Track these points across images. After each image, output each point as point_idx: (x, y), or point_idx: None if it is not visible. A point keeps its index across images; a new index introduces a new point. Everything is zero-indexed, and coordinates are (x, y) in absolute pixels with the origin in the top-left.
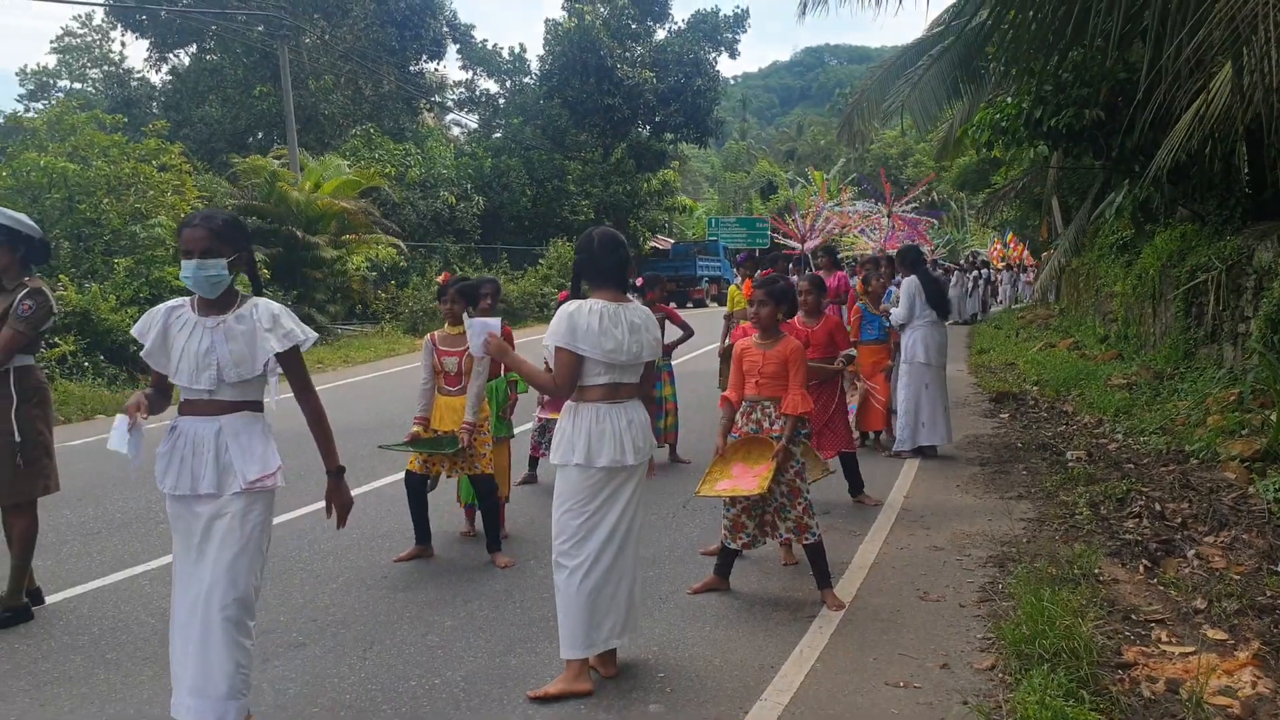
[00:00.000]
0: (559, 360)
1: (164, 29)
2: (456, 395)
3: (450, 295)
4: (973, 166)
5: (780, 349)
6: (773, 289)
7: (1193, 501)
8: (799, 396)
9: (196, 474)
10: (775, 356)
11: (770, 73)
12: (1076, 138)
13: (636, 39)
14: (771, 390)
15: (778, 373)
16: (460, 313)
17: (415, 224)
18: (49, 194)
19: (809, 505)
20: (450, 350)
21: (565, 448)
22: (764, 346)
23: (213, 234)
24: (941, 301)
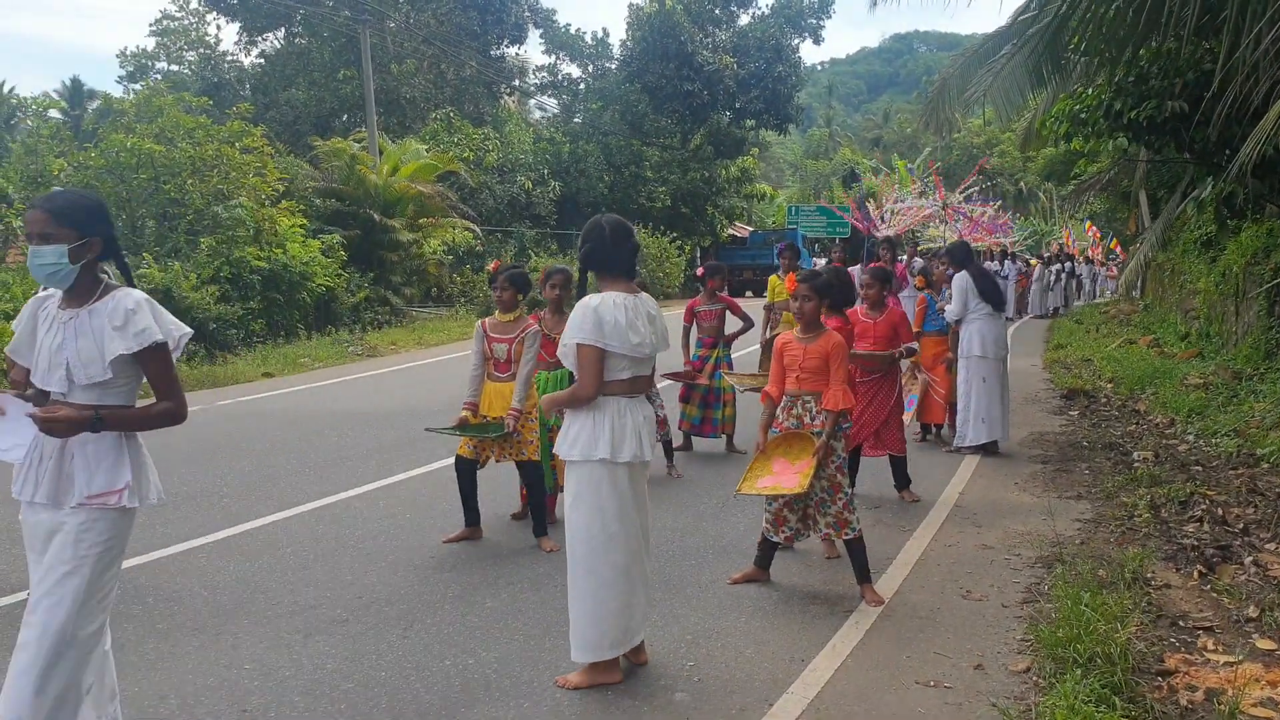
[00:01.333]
0: (586, 357)
1: (253, 12)
2: (506, 381)
3: (500, 283)
4: (1059, 157)
5: (822, 343)
6: (816, 283)
7: (1258, 507)
8: (840, 392)
9: (37, 481)
10: (816, 351)
11: (858, 59)
12: (1158, 130)
13: (718, 24)
14: (813, 385)
15: (819, 368)
16: (510, 300)
17: (491, 209)
18: (136, 174)
19: (849, 500)
20: (500, 337)
21: (586, 443)
22: (805, 341)
23: (51, 216)
24: (995, 295)
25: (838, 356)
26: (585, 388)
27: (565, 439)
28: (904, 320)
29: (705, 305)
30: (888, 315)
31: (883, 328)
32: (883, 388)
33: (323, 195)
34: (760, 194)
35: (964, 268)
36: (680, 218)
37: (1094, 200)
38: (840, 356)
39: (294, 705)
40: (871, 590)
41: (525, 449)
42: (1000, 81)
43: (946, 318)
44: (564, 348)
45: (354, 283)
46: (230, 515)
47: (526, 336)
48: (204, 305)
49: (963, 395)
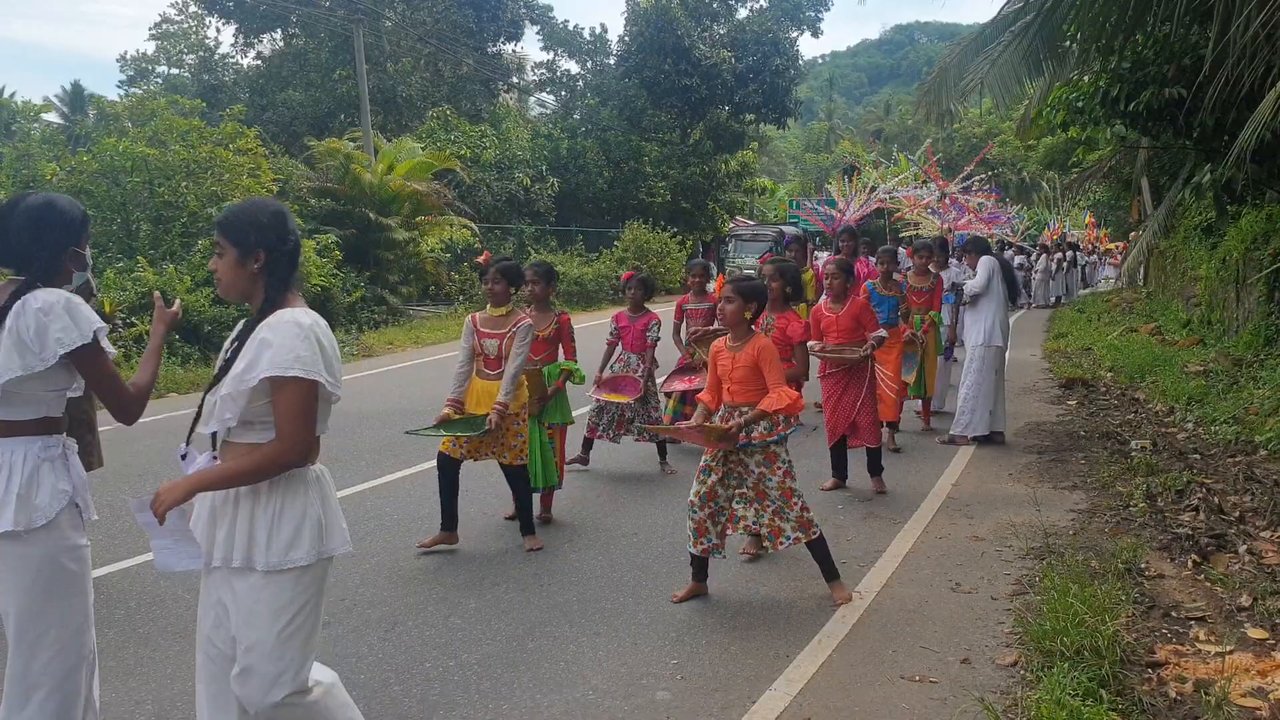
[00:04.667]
0: (307, 402)
1: (249, 14)
2: (495, 379)
3: (492, 275)
4: (1059, 146)
5: (749, 350)
6: (740, 285)
7: (1255, 494)
8: (778, 394)
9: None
10: (744, 360)
11: (859, 51)
12: (1156, 116)
13: (715, 18)
14: (745, 395)
15: (748, 377)
16: (503, 293)
17: (490, 206)
18: (130, 177)
19: (805, 502)
20: (491, 332)
21: (312, 536)
22: (734, 349)
23: None
24: (1014, 285)
25: (768, 359)
26: (299, 447)
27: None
28: (867, 310)
29: (694, 303)
30: (850, 307)
31: (846, 320)
32: (854, 379)
33: (318, 195)
34: (761, 188)
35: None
36: (681, 213)
37: (1096, 188)
38: (770, 358)
39: None
40: (841, 588)
41: (508, 453)
42: (997, 70)
43: (968, 290)
44: (247, 380)
45: (349, 282)
46: None
47: (518, 331)
48: (199, 307)
49: (973, 385)
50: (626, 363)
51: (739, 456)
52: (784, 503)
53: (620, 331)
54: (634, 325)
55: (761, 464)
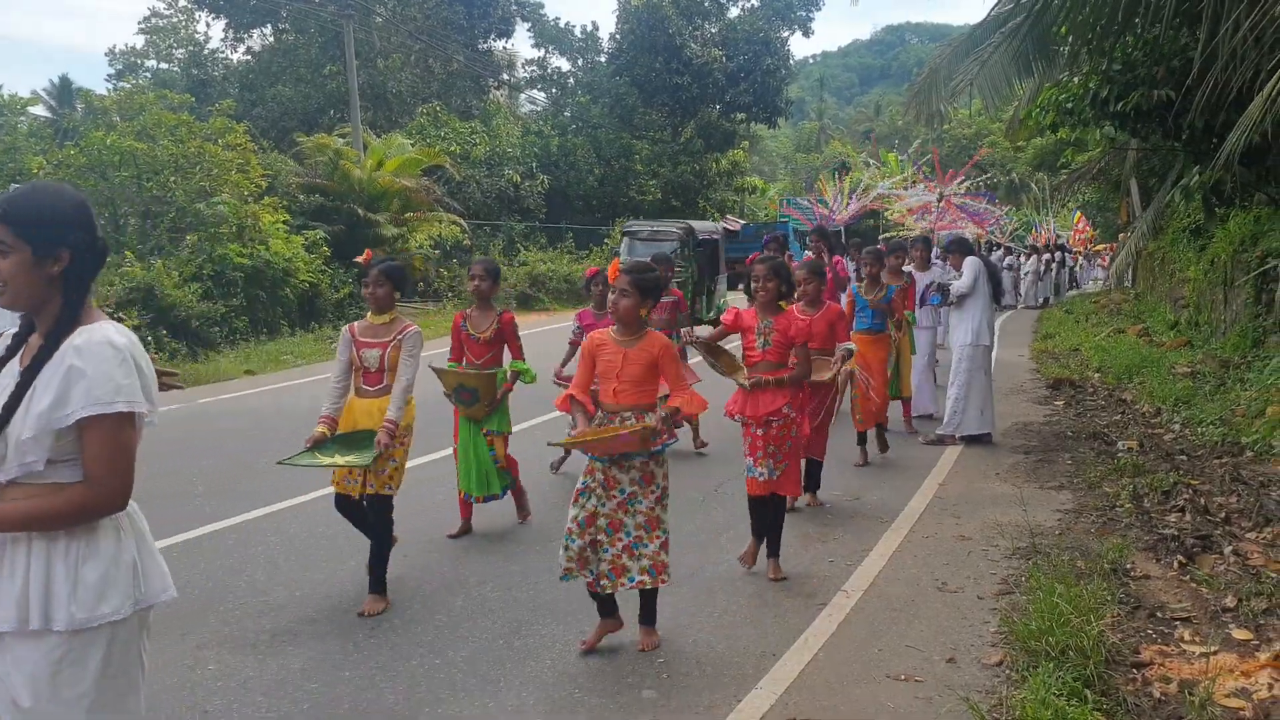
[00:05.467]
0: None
1: (239, 9)
2: (376, 396)
3: (373, 278)
4: (1049, 147)
5: (646, 346)
6: (638, 278)
7: (1241, 495)
8: (689, 395)
9: None
10: (639, 357)
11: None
12: (1145, 118)
13: (707, 16)
14: (634, 397)
15: (642, 377)
16: (386, 298)
17: (479, 202)
18: (118, 172)
19: (668, 540)
20: (372, 342)
21: (126, 583)
22: (626, 344)
23: None
24: (998, 286)
25: (669, 357)
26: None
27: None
28: (841, 318)
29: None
30: (824, 313)
31: (819, 325)
32: (818, 392)
33: (306, 191)
34: (751, 187)
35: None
36: (671, 211)
37: (1085, 190)
38: (671, 357)
39: (256, 705)
40: (651, 634)
41: (375, 479)
42: (987, 71)
43: (954, 291)
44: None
45: (338, 279)
46: (203, 514)
47: (405, 340)
48: (187, 303)
49: (962, 385)
50: None
51: (613, 472)
52: (644, 533)
53: (584, 330)
54: (599, 324)
55: (636, 481)
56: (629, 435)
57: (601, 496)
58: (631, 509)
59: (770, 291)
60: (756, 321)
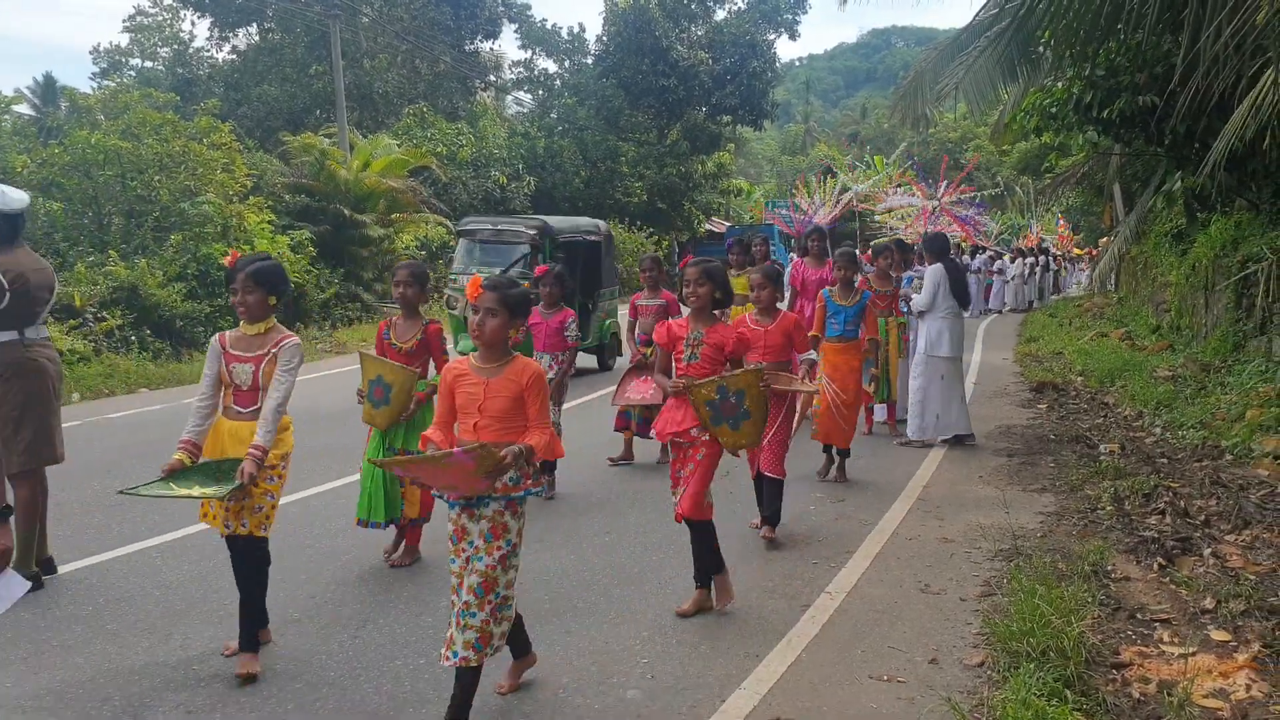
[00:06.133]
0: None
1: (225, 8)
2: (249, 419)
3: (241, 283)
4: (1033, 151)
5: (513, 374)
6: (506, 295)
7: (1220, 498)
8: (546, 438)
9: None
10: (505, 387)
11: (836, 54)
12: (1128, 123)
13: (694, 19)
14: (499, 434)
15: (509, 410)
16: (258, 306)
17: (466, 203)
18: (102, 171)
19: (501, 603)
20: (243, 355)
21: None
22: (489, 372)
23: None
24: (963, 293)
25: (536, 389)
26: None
27: None
28: (798, 328)
29: (645, 300)
30: (780, 322)
31: (775, 336)
32: (776, 399)
33: (292, 191)
34: (737, 189)
35: (940, 260)
36: (657, 213)
37: (1069, 194)
38: (539, 389)
39: (240, 705)
40: None
41: (249, 517)
42: (972, 75)
43: (913, 308)
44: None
45: (323, 279)
46: (185, 515)
47: (281, 352)
48: (171, 302)
49: (916, 390)
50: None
51: (464, 521)
52: (475, 598)
53: (531, 330)
54: (547, 323)
55: (484, 534)
56: (462, 455)
57: (452, 551)
58: (470, 567)
59: (702, 298)
60: (686, 331)
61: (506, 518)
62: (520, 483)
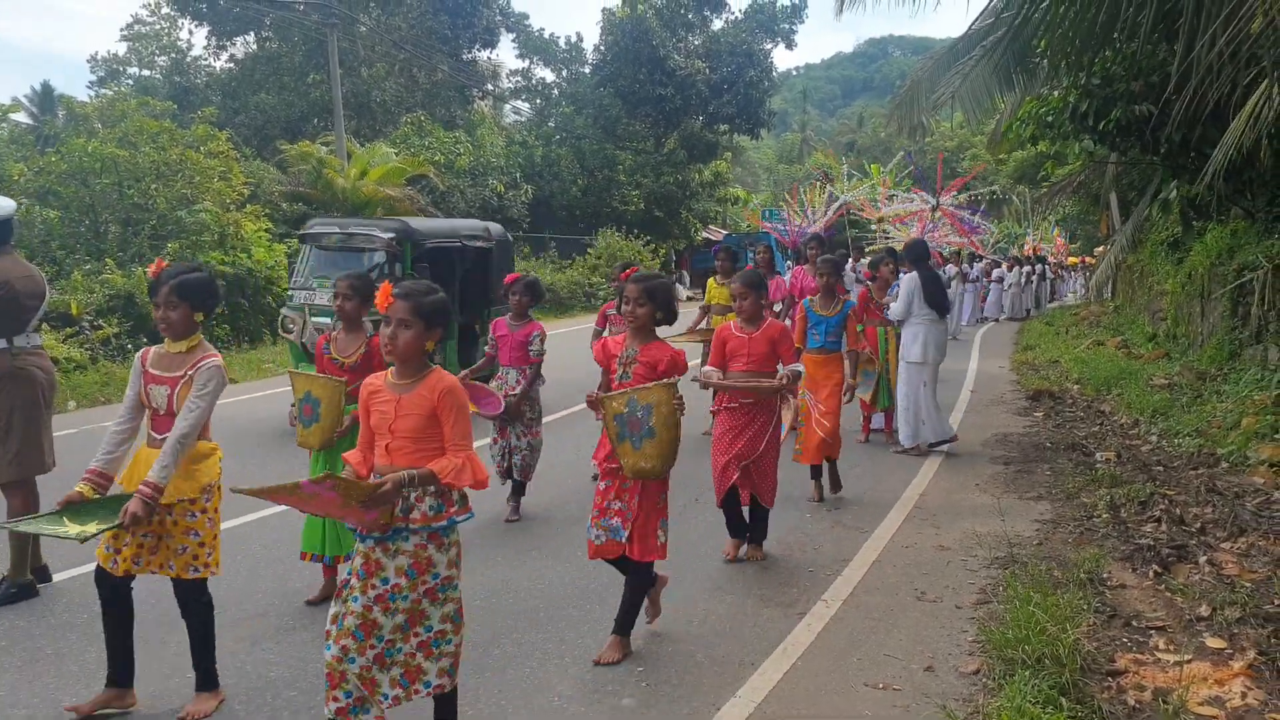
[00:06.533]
0: None
1: (222, 17)
2: None
3: (164, 297)
4: (1030, 160)
5: (426, 390)
6: (421, 302)
7: (1216, 506)
8: (459, 461)
9: None
10: (417, 404)
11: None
12: (1124, 132)
13: (691, 29)
14: (412, 457)
15: (421, 430)
16: (182, 322)
17: (463, 212)
18: (100, 179)
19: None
20: (162, 376)
21: None
22: (402, 389)
23: None
24: (940, 300)
25: (450, 406)
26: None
27: None
28: (785, 336)
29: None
30: (765, 330)
31: (759, 344)
32: (758, 414)
33: (289, 199)
34: (734, 198)
35: (915, 268)
36: (654, 221)
37: (1066, 203)
38: (454, 406)
39: (235, 714)
40: None
41: (175, 560)
42: (969, 84)
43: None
44: None
45: None
46: None
47: (198, 373)
48: None
49: (903, 398)
50: (505, 379)
51: (376, 555)
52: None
53: (497, 342)
54: (513, 335)
55: (405, 570)
56: (312, 486)
57: (358, 588)
58: (393, 606)
59: (641, 319)
60: (621, 349)
61: (430, 551)
62: (442, 511)
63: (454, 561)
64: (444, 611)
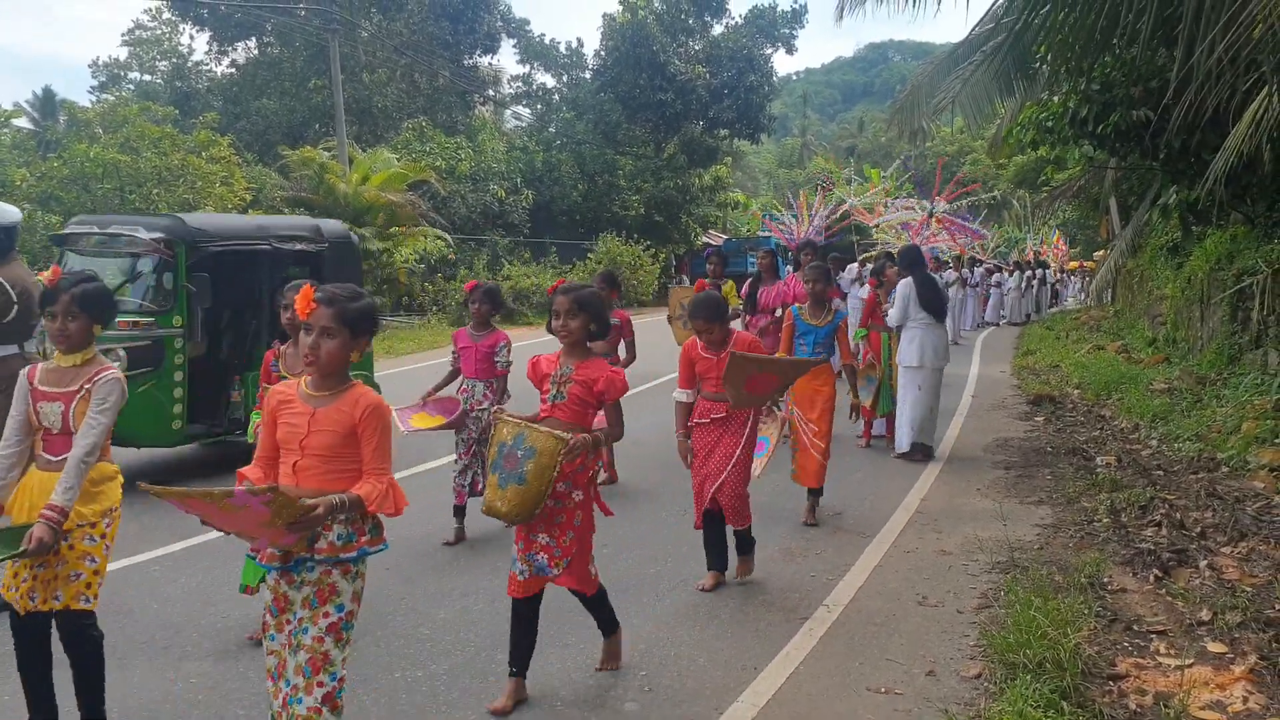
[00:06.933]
0: None
1: (224, 22)
2: (60, 468)
3: (63, 307)
4: (1030, 165)
5: (346, 405)
6: (346, 308)
7: (1216, 510)
8: (383, 487)
9: None
10: (334, 420)
11: (834, 68)
12: (1124, 138)
13: (691, 34)
14: (322, 479)
15: (335, 448)
16: (79, 334)
17: (464, 217)
18: (101, 184)
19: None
20: (53, 392)
21: None
22: (318, 401)
23: None
24: (937, 304)
25: (373, 425)
26: None
27: None
28: (755, 346)
29: None
30: (734, 342)
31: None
32: (728, 431)
33: (291, 204)
34: (734, 202)
35: (910, 273)
36: (655, 226)
37: (1066, 207)
38: (377, 425)
39: (237, 718)
40: None
41: (63, 588)
42: (969, 89)
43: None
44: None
45: None
46: (184, 527)
47: (97, 387)
48: None
49: (901, 401)
50: (471, 392)
51: (283, 587)
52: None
53: (460, 354)
54: (477, 346)
55: (309, 601)
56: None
57: (272, 625)
58: (296, 642)
59: (574, 332)
60: (554, 367)
61: (335, 578)
62: (353, 541)
63: (358, 595)
64: (343, 655)
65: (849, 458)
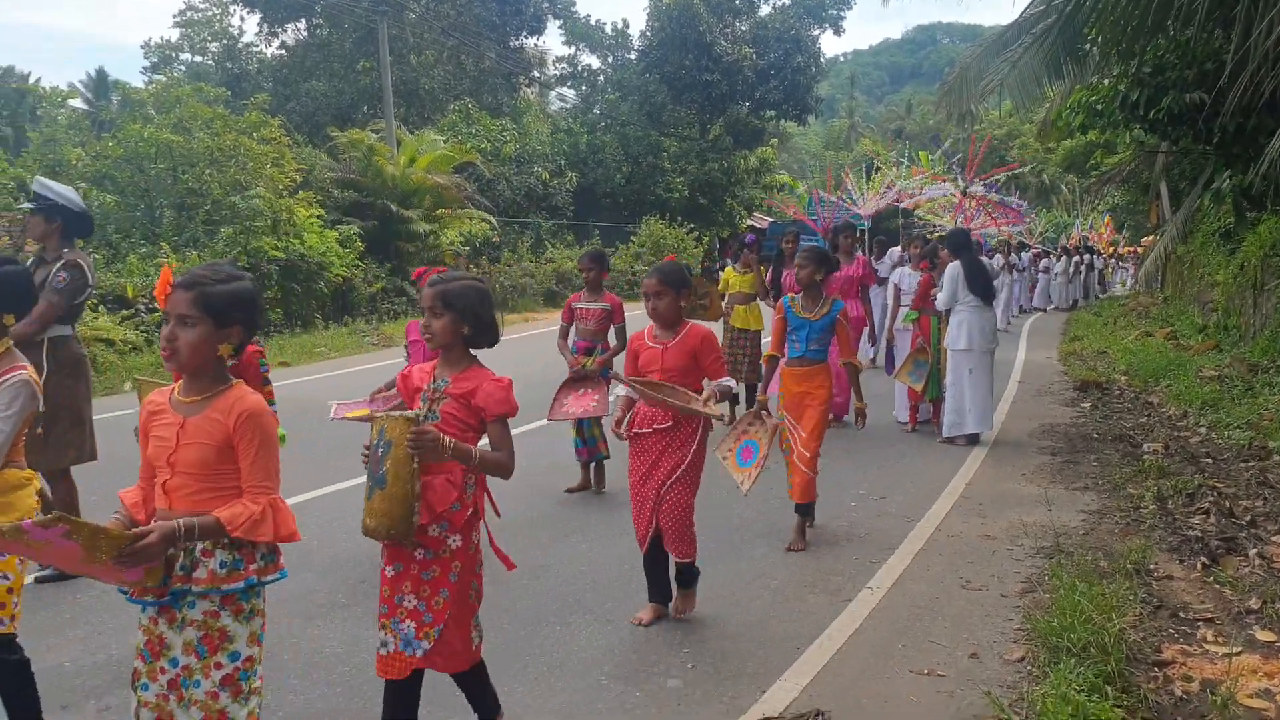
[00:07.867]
0: None
1: (274, 4)
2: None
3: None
4: (1079, 149)
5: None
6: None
7: (1267, 499)
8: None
9: None
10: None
11: (881, 50)
12: (1176, 121)
13: (738, 14)
14: (191, 501)
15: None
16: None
17: (509, 199)
18: (155, 164)
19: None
20: None
21: None
22: (185, 409)
23: None
24: (985, 287)
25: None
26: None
27: None
28: (708, 344)
29: (585, 302)
30: (684, 337)
31: (675, 356)
32: (670, 446)
33: (340, 186)
34: (780, 185)
35: (958, 256)
36: (698, 209)
37: (1115, 192)
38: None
39: (291, 688)
40: None
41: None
42: (1018, 72)
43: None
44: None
45: (371, 273)
46: None
47: (3, 389)
48: None
49: (950, 385)
50: None
51: (160, 629)
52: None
53: (410, 347)
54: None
55: (194, 644)
56: (36, 530)
57: (144, 672)
58: (187, 695)
59: (438, 335)
60: (427, 380)
61: (224, 620)
62: (239, 568)
63: (256, 636)
64: (247, 709)
65: (895, 442)
